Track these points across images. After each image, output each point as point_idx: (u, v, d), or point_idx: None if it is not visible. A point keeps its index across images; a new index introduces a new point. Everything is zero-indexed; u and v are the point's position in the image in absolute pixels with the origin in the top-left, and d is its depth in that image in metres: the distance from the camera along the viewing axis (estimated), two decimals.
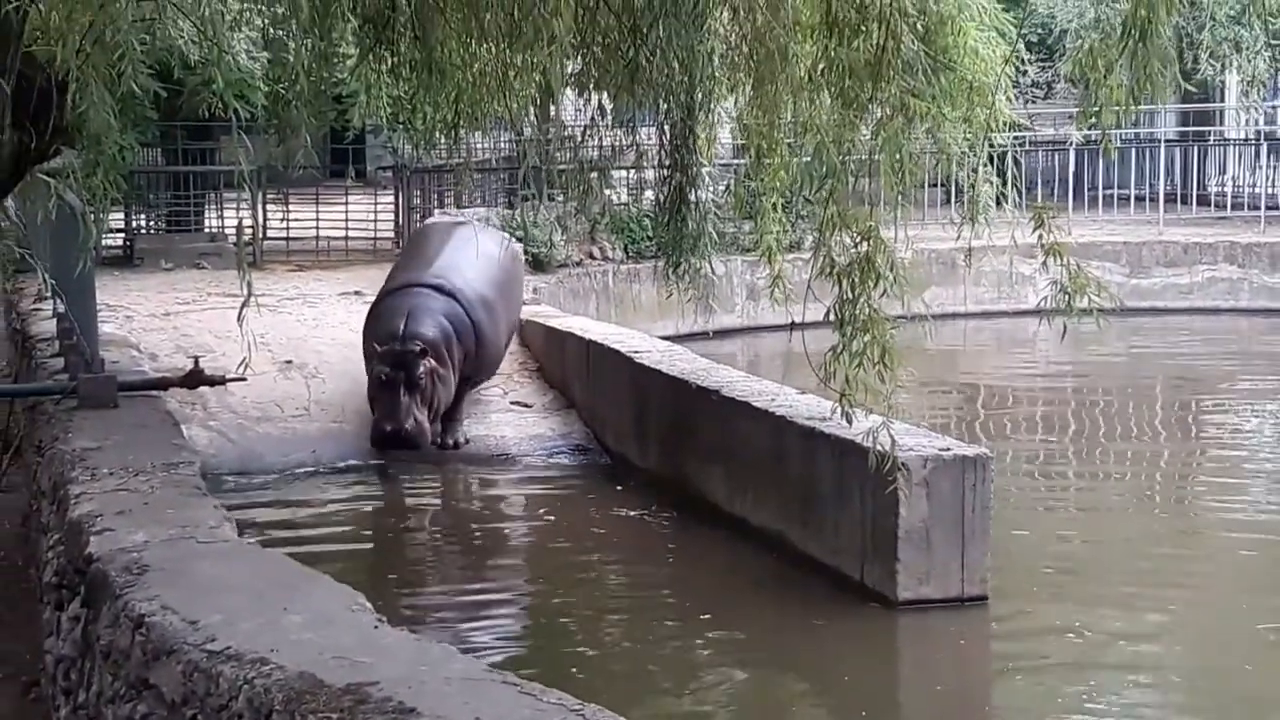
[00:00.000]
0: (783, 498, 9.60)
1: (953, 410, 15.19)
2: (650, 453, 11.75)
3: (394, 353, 11.13)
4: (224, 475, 11.36)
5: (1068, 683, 7.47)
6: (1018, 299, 19.77)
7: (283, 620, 5.57)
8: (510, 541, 10.38)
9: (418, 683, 4.90)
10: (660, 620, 8.59)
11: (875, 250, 7.21)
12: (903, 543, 8.32)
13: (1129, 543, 10.29)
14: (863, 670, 7.76)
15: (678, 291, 11.10)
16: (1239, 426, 14.95)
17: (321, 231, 19.50)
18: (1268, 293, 21.52)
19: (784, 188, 9.60)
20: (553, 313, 15.47)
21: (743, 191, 10.21)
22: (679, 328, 16.33)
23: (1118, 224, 22.74)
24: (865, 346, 7.29)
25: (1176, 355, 19.16)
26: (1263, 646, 8.05)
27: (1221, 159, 26.20)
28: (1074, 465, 13.11)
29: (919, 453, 8.40)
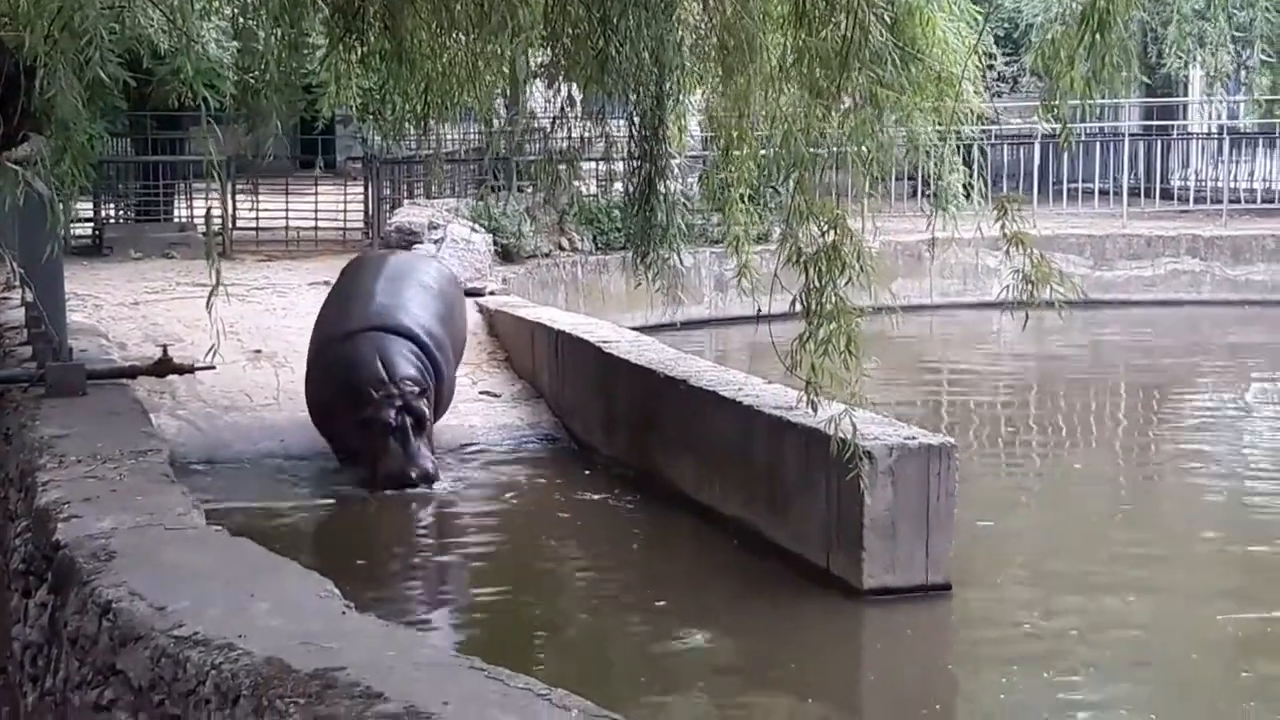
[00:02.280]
0: (749, 486, 9.65)
1: (917, 400, 15.28)
2: (618, 442, 11.79)
3: (399, 395, 10.88)
4: (192, 464, 11.35)
5: (1030, 670, 7.53)
6: (983, 291, 19.88)
7: (250, 606, 5.59)
8: (477, 529, 10.39)
9: (385, 668, 4.93)
10: (626, 606, 8.64)
11: (842, 239, 7.25)
12: (868, 531, 8.38)
13: (1091, 531, 10.37)
14: (827, 657, 7.82)
15: (646, 282, 11.15)
16: (1200, 417, 15.07)
17: (291, 222, 19.48)
18: (1229, 285, 21.70)
19: (752, 178, 9.66)
20: (521, 303, 15.50)
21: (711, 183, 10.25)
22: (648, 319, 16.39)
23: (1082, 217, 22.89)
24: (831, 335, 7.33)
25: (1139, 346, 19.30)
26: (1220, 635, 8.12)
27: (1185, 153, 26.37)
28: (1037, 454, 13.21)
29: (884, 441, 8.46)
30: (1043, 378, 17.13)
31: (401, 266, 12.64)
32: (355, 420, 10.89)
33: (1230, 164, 25.08)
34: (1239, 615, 8.38)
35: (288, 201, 19.52)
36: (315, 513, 10.74)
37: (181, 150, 19.96)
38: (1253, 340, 19.75)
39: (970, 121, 9.34)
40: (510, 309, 15.02)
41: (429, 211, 17.13)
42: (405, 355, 11.18)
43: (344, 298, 11.89)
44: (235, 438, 12.17)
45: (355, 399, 10.86)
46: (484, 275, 16.22)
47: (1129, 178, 23.76)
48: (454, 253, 16.17)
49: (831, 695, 7.30)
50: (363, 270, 12.50)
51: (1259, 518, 10.76)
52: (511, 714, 4.47)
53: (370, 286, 11.90)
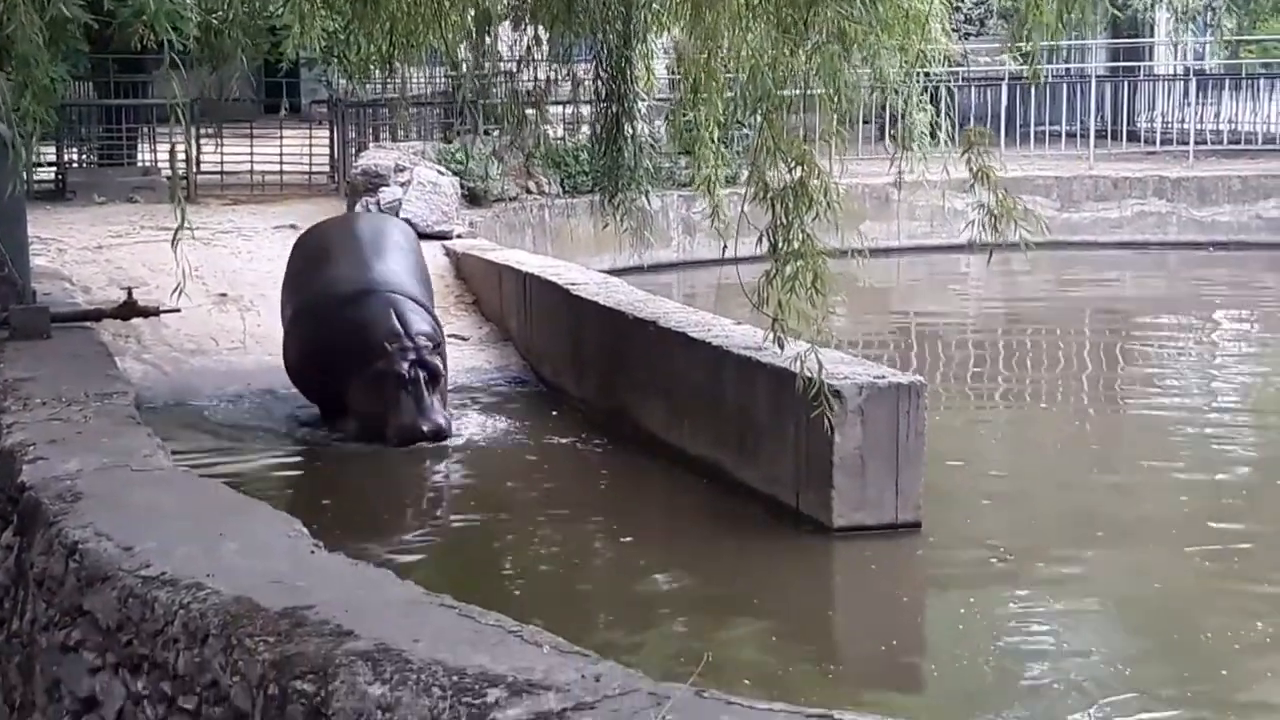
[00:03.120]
0: (719, 427, 9.65)
1: (886, 341, 15.31)
2: (587, 384, 11.78)
3: (414, 349, 10.65)
4: (159, 407, 11.29)
5: (999, 607, 7.57)
6: (950, 234, 19.87)
7: (218, 546, 5.57)
8: (444, 469, 10.37)
9: (355, 606, 4.92)
10: (595, 546, 8.64)
11: (809, 175, 7.22)
12: (838, 470, 8.39)
13: (1059, 469, 10.43)
14: (796, 595, 7.84)
15: (614, 224, 11.11)
16: (1166, 356, 15.15)
17: (256, 166, 19.35)
18: (1195, 226, 21.76)
19: (721, 118, 9.61)
20: (489, 246, 15.44)
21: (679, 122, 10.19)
22: (615, 262, 16.34)
23: (1048, 159, 22.90)
24: (798, 272, 7.31)
25: (1106, 288, 19.37)
26: (1188, 570, 8.18)
27: (1151, 95, 26.38)
28: (1006, 394, 13.25)
29: (854, 381, 8.47)
30: (1010, 318, 17.19)
31: (378, 228, 12.37)
32: (366, 375, 10.62)
33: (1196, 105, 25.12)
34: (1206, 547, 8.43)
35: (252, 145, 19.38)
36: (283, 457, 10.69)
37: (144, 94, 19.77)
38: (1219, 281, 19.83)
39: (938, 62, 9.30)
40: (478, 252, 14.97)
41: (395, 154, 17.00)
42: (418, 313, 11.04)
43: (333, 260, 11.50)
44: (202, 382, 12.11)
45: (366, 354, 10.61)
46: (450, 218, 16.14)
47: (1095, 120, 23.77)
48: (420, 195, 16.08)
49: (800, 631, 7.32)
50: (340, 233, 12.22)
51: (1225, 452, 10.83)
52: (483, 651, 4.46)
53: (359, 249, 11.58)
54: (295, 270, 11.84)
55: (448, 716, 4.06)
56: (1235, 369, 14.92)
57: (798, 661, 6.93)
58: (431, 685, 4.22)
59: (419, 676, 4.27)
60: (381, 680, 4.31)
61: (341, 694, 4.34)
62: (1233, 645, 6.99)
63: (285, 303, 11.78)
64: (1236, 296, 19.02)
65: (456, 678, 4.23)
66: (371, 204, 16.13)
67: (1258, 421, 12.14)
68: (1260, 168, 22.64)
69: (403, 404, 10.49)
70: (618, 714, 3.95)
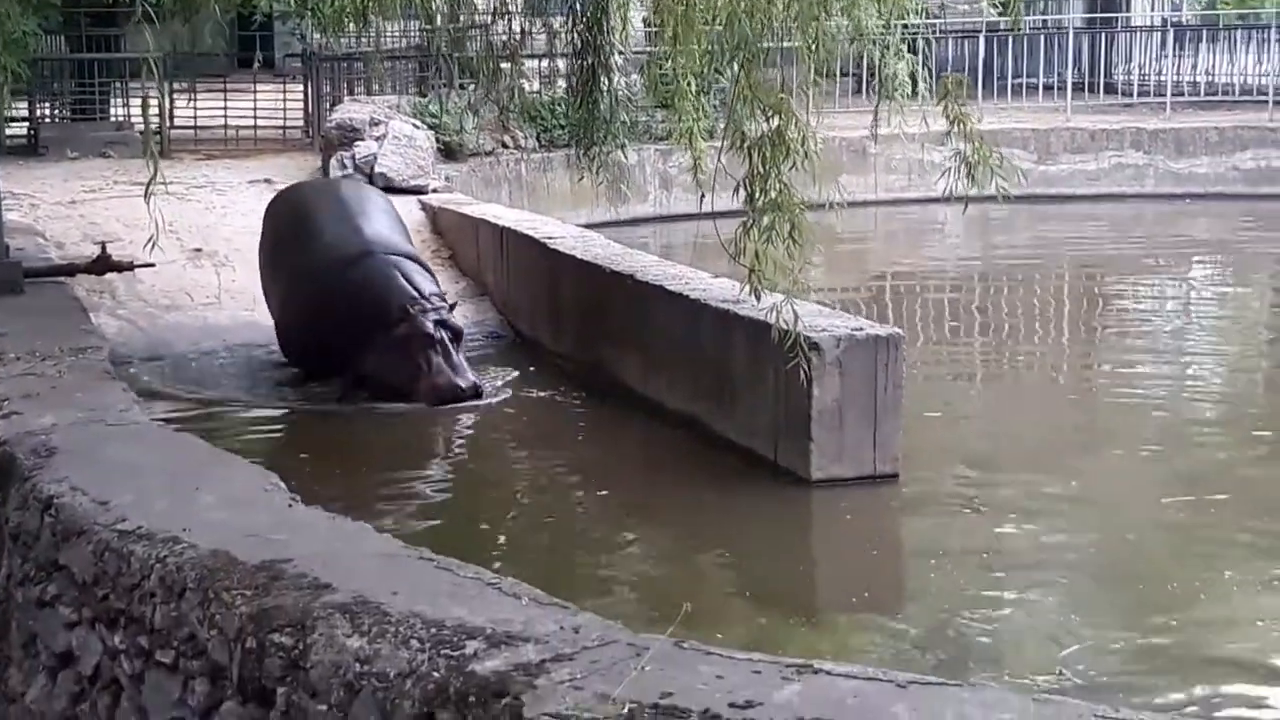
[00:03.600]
0: (697, 380, 9.63)
1: (863, 294, 15.31)
2: (564, 338, 11.75)
3: (436, 309, 10.50)
4: (134, 363, 11.24)
5: (975, 559, 7.58)
6: (927, 187, 19.79)
7: (195, 500, 5.55)
8: (420, 423, 10.33)
9: (333, 559, 4.90)
10: (572, 498, 8.64)
11: (787, 125, 7.17)
12: (815, 422, 8.38)
13: (1037, 421, 10.45)
14: (774, 546, 7.84)
15: (590, 178, 11.05)
16: (1143, 309, 15.20)
17: (230, 120, 19.24)
18: (1172, 178, 21.78)
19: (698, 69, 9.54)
20: (465, 200, 15.40)
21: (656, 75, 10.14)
22: (592, 216, 16.30)
23: (1026, 111, 22.88)
24: (775, 222, 7.27)
25: (1083, 240, 19.39)
26: (1164, 521, 8.20)
27: (1128, 46, 26.36)
28: (983, 346, 13.26)
29: (832, 333, 8.45)
30: (987, 271, 17.21)
31: (357, 192, 12.15)
32: (389, 340, 10.41)
33: (1174, 57, 25.10)
34: (1181, 498, 8.45)
35: (226, 100, 19.28)
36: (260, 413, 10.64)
37: (117, 48, 19.64)
38: (1196, 233, 19.87)
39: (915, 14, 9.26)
40: (454, 206, 14.91)
41: (370, 108, 16.92)
42: (422, 273, 10.90)
43: (321, 225, 11.24)
44: (176, 338, 12.07)
45: (382, 319, 10.42)
46: (426, 173, 16.08)
47: (1073, 72, 23.77)
48: (395, 150, 16.01)
49: (778, 582, 7.32)
50: (319, 197, 11.96)
51: (1203, 403, 10.87)
52: (461, 603, 4.45)
53: (346, 212, 11.35)
54: (278, 237, 11.58)
55: (426, 668, 4.05)
56: (1211, 321, 14.97)
57: (776, 612, 6.93)
58: (410, 637, 4.21)
59: (397, 629, 4.26)
60: (360, 633, 4.30)
61: (320, 647, 4.33)
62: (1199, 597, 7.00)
63: (273, 269, 11.55)
64: (1213, 248, 19.06)
65: (435, 630, 4.22)
66: (346, 158, 16.06)
67: (1235, 374, 12.18)
68: (1237, 119, 22.66)
69: (434, 365, 10.32)
70: (597, 665, 3.95)
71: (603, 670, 3.90)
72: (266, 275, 11.67)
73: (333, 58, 19.35)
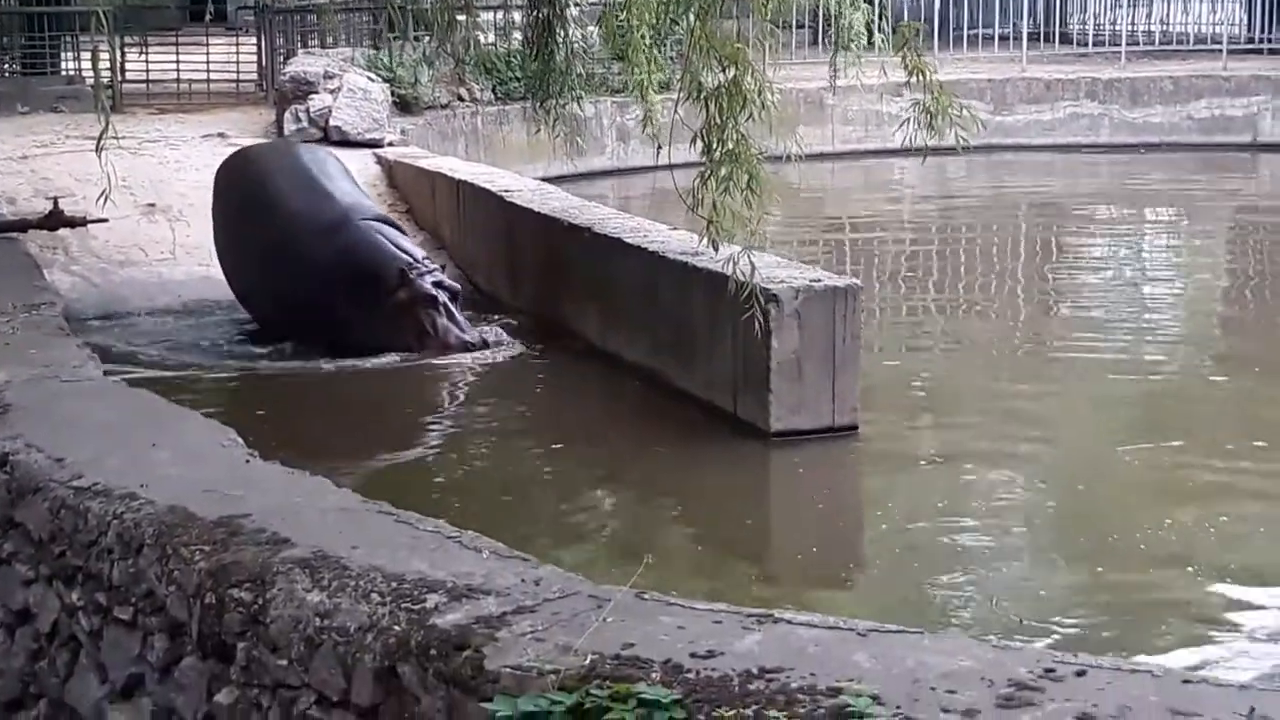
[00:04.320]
0: (656, 333, 9.62)
1: (821, 246, 15.32)
2: (522, 292, 11.71)
3: (430, 270, 10.49)
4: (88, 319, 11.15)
5: (934, 507, 7.60)
6: (884, 138, 19.82)
7: (151, 456, 5.53)
8: (376, 381, 10.28)
9: (292, 513, 4.89)
10: (531, 452, 8.61)
11: (743, 75, 7.14)
12: (774, 374, 8.38)
13: (994, 372, 10.48)
14: (733, 497, 7.86)
15: (547, 131, 10.98)
16: (1099, 257, 15.27)
17: (183, 74, 19.05)
18: (1127, 128, 21.83)
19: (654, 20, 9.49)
20: (421, 153, 15.30)
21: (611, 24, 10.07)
22: (549, 169, 16.22)
23: (982, 62, 22.86)
24: (732, 173, 7.25)
25: (1039, 190, 19.43)
26: (1121, 469, 8.25)
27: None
28: (941, 298, 13.29)
29: (790, 284, 8.45)
30: (945, 222, 17.22)
31: (315, 157, 11.87)
32: (390, 305, 10.31)
33: (1128, 7, 25.14)
34: (1139, 445, 8.51)
35: (178, 54, 19.06)
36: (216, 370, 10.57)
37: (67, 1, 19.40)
38: (1150, 182, 19.93)
39: None
40: (410, 160, 14.82)
41: (324, 61, 16.77)
42: (402, 238, 10.85)
43: (285, 192, 11.00)
44: (131, 293, 11.98)
45: (378, 284, 10.33)
46: (381, 126, 15.95)
47: (1028, 22, 23.74)
48: (350, 103, 15.88)
49: (738, 534, 7.34)
50: (278, 163, 11.64)
51: (1158, 352, 10.92)
52: (421, 556, 4.45)
53: (310, 178, 11.13)
54: (241, 203, 11.37)
55: (387, 622, 4.05)
56: (1166, 268, 15.05)
57: (736, 563, 6.96)
58: (370, 591, 4.21)
59: (357, 583, 4.26)
60: (319, 587, 4.30)
61: (279, 601, 4.32)
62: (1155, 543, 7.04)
63: (237, 237, 11.32)
64: (1168, 197, 19.14)
65: (395, 583, 4.22)
66: (301, 112, 15.92)
67: (1190, 321, 12.25)
68: (1191, 68, 22.70)
69: (439, 325, 10.38)
70: (558, 617, 3.95)
71: (564, 622, 3.91)
72: (227, 241, 11.46)
73: (286, 10, 19.17)
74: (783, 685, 3.48)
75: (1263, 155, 21.41)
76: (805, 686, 3.47)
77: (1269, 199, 19.71)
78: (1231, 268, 15.07)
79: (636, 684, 3.52)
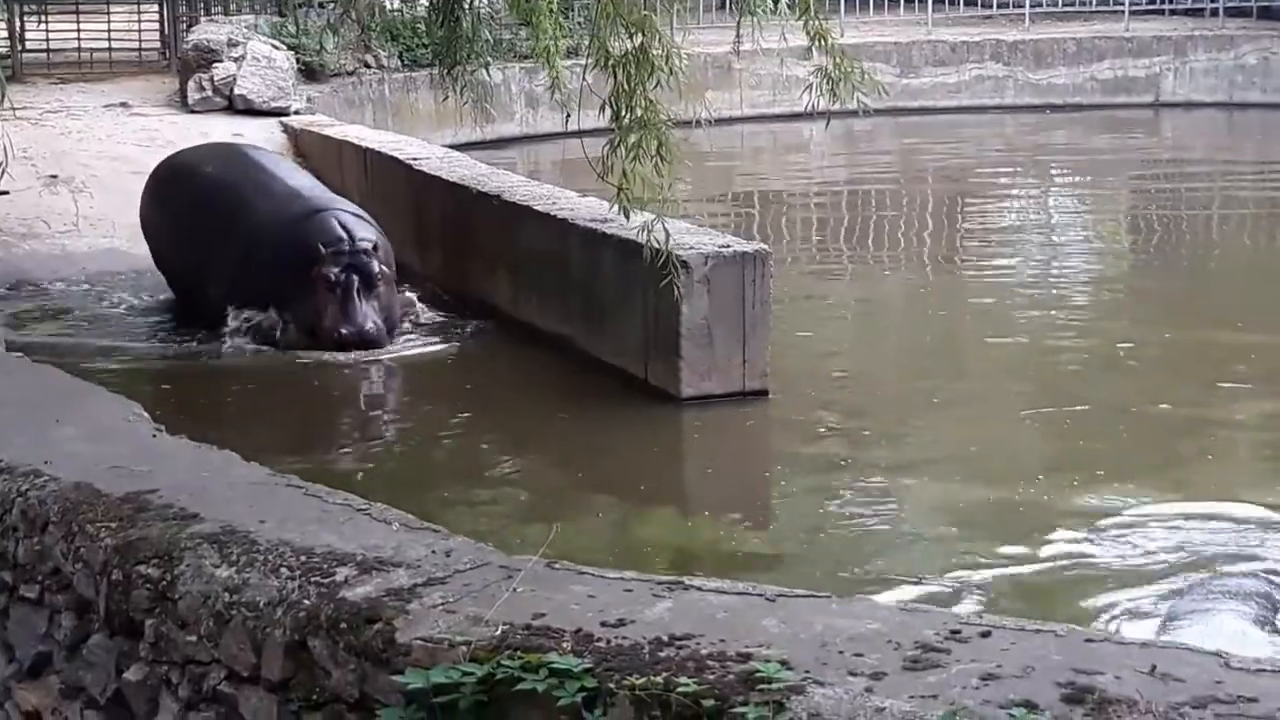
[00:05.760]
0: (567, 300, 9.62)
1: (731, 212, 15.36)
2: (431, 260, 11.66)
3: (345, 253, 9.90)
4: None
5: (843, 471, 7.68)
6: (792, 102, 19.82)
7: (56, 432, 5.47)
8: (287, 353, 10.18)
9: (199, 489, 4.87)
10: (443, 422, 8.59)
11: (650, 41, 7.14)
12: (685, 340, 8.41)
13: (903, 336, 10.59)
14: (645, 464, 7.89)
15: (455, 98, 10.92)
16: (1005, 220, 15.42)
17: (84, 43, 18.78)
18: (1032, 89, 22.02)
19: None
20: (328, 122, 15.18)
21: None
22: (457, 136, 16.17)
23: (888, 25, 22.96)
24: (642, 139, 7.25)
25: (946, 152, 19.56)
26: (1024, 432, 8.34)
27: None
28: (850, 261, 13.37)
29: (699, 250, 8.47)
30: (854, 187, 17.30)
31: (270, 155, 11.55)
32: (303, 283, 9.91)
33: None
34: (1040, 410, 8.60)
35: (79, 22, 18.80)
36: (120, 343, 10.45)
37: None
38: (1055, 143, 20.14)
39: None
40: (316, 128, 14.71)
41: (228, 29, 16.59)
42: (368, 223, 10.42)
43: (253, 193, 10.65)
44: (34, 266, 11.81)
45: (307, 262, 9.90)
46: (287, 94, 15.82)
47: None
48: (255, 71, 15.73)
49: (647, 500, 7.35)
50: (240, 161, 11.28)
51: (1059, 319, 11.03)
52: (331, 529, 4.45)
53: (279, 175, 10.92)
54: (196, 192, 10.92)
55: (297, 596, 4.04)
56: (1073, 229, 15.22)
57: (647, 530, 6.98)
58: (279, 565, 4.19)
59: (266, 557, 4.25)
60: (228, 562, 4.28)
61: (187, 577, 4.30)
62: (1057, 505, 7.12)
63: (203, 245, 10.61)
64: (1072, 158, 19.34)
65: (305, 557, 4.21)
66: (205, 80, 15.77)
67: (1094, 286, 12.38)
68: (1094, 29, 22.93)
69: (328, 310, 9.83)
70: (469, 588, 3.96)
71: (475, 593, 3.91)
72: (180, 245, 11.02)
73: None
74: (693, 652, 3.51)
75: (1165, 114, 21.69)
76: (715, 653, 3.49)
77: (1171, 156, 19.95)
78: (1134, 227, 15.26)
79: (548, 654, 3.54)
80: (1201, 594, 6.04)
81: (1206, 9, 23.25)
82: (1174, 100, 21.84)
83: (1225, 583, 6.15)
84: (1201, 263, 13.67)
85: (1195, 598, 6.00)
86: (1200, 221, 15.47)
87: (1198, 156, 19.76)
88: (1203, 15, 23.26)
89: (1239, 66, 21.91)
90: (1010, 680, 3.30)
